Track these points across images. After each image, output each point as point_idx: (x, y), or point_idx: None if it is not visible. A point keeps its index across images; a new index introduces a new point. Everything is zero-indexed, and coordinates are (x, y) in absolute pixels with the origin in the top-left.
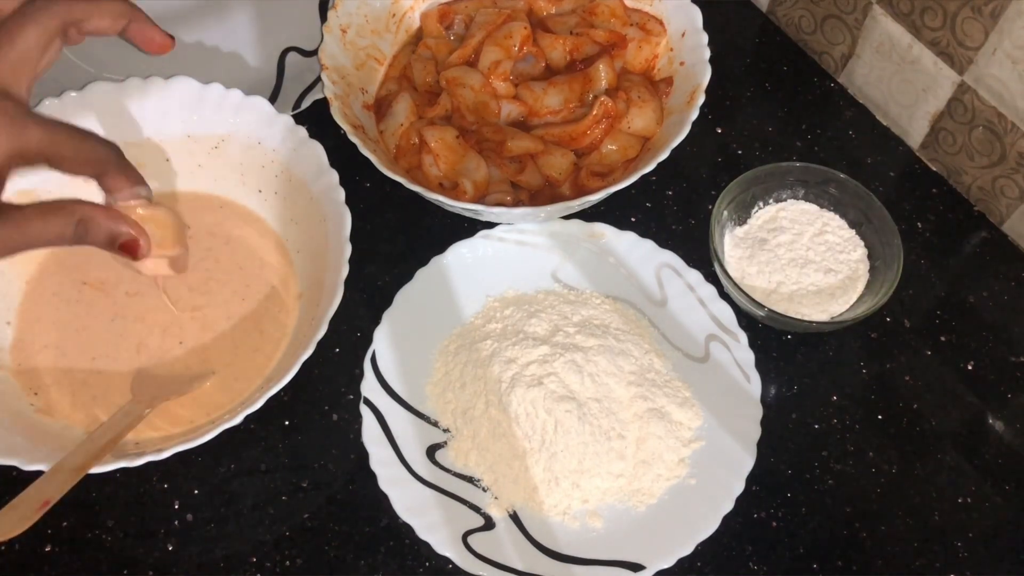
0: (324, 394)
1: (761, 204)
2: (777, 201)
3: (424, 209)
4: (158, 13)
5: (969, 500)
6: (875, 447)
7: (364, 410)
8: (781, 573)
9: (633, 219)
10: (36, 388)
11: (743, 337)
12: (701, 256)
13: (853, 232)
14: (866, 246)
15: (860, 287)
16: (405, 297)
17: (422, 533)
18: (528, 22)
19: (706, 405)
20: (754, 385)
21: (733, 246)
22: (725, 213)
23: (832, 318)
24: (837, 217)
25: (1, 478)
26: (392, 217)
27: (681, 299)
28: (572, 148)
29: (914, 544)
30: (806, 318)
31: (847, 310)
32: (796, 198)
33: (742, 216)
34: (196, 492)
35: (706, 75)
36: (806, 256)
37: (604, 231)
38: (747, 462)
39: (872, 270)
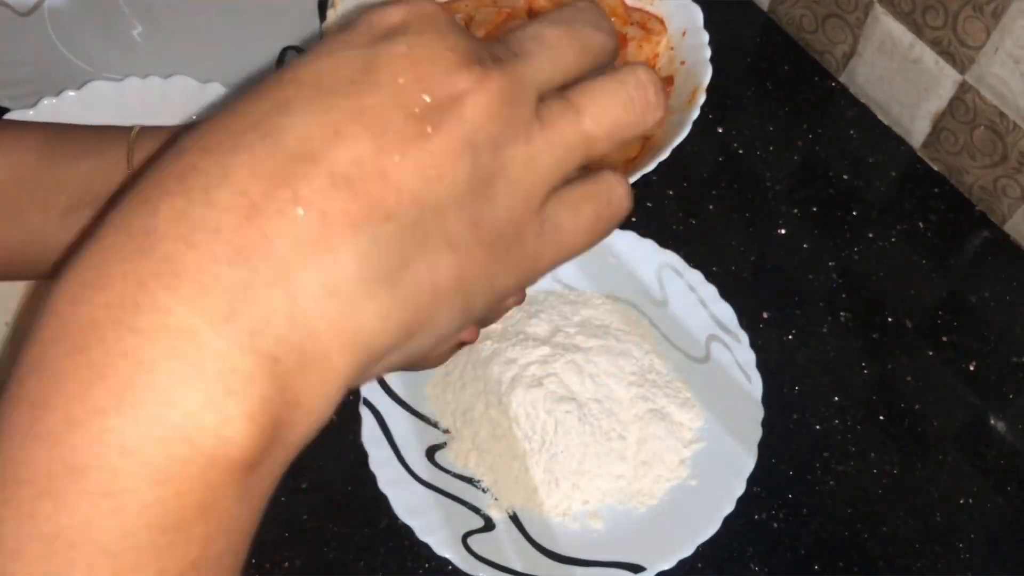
0: None
1: None
2: None
3: None
4: (157, 12)
5: (971, 501)
6: (876, 448)
7: (363, 411)
8: (782, 574)
9: (633, 219)
10: None
11: (744, 337)
12: (702, 256)
13: None
14: None
15: None
16: None
17: (421, 534)
18: (528, 21)
19: (707, 406)
20: (755, 386)
21: None
22: None
23: None
24: None
25: None
26: None
27: (682, 299)
28: None
29: (916, 545)
30: None
31: None
32: None
33: None
34: None
35: (707, 74)
36: None
37: None
38: (748, 463)
39: None
